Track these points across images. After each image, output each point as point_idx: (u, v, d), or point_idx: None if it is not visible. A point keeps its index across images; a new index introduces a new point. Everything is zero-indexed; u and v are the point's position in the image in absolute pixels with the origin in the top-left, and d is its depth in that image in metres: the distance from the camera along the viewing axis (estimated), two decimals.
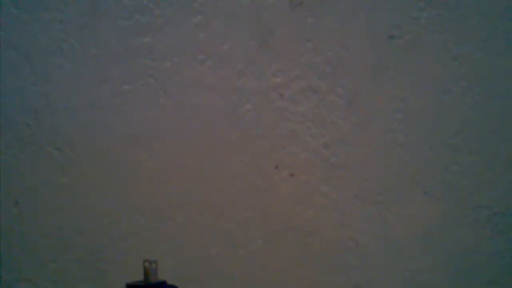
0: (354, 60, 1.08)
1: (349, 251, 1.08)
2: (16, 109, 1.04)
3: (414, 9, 1.08)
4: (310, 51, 1.07)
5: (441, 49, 1.08)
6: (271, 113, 1.07)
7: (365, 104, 1.08)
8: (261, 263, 1.07)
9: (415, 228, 1.09)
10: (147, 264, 0.78)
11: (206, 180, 1.07)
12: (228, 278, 1.07)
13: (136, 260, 0.83)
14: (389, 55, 1.08)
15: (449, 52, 1.08)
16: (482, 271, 1.09)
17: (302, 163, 1.07)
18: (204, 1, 1.06)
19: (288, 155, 1.07)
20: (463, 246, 1.09)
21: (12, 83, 1.04)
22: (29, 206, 1.04)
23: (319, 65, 1.07)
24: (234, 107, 1.06)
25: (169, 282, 0.79)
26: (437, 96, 1.09)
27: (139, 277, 0.79)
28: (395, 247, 1.09)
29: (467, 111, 1.09)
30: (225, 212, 1.07)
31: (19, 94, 1.04)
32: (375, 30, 1.08)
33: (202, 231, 1.06)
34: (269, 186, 1.07)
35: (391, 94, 1.08)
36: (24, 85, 1.04)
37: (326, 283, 1.08)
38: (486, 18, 1.09)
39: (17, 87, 1.04)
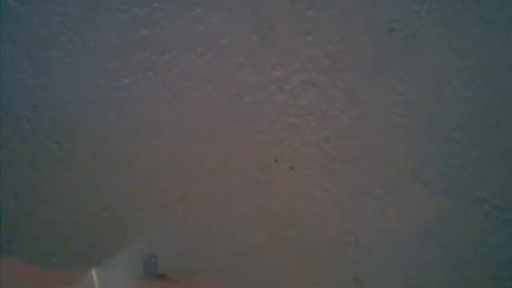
0: (354, 53, 1.07)
1: (349, 245, 1.08)
2: (15, 103, 1.04)
3: (414, 2, 1.08)
4: (310, 45, 1.07)
5: (441, 43, 1.08)
6: (271, 106, 1.07)
7: (365, 97, 1.08)
8: (260, 257, 1.07)
9: (415, 222, 1.09)
10: (146, 258, 0.78)
11: (206, 174, 1.06)
12: (228, 272, 1.07)
13: (136, 254, 0.83)
14: (389, 49, 1.08)
15: (449, 45, 1.08)
16: (481, 264, 1.09)
17: (302, 157, 1.07)
18: None
19: (288, 149, 1.07)
20: (462, 239, 1.09)
21: (11, 77, 1.04)
22: (28, 200, 1.04)
23: (319, 59, 1.07)
24: (233, 100, 1.06)
25: (168, 276, 0.79)
26: (437, 90, 1.08)
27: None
28: (394, 241, 1.09)
29: (467, 104, 1.09)
30: (225, 206, 1.07)
31: (18, 88, 1.04)
32: (375, 23, 1.07)
33: (202, 225, 1.06)
34: (269, 179, 1.07)
35: (391, 88, 1.08)
36: (23, 79, 1.04)
37: (326, 276, 1.08)
38: (486, 11, 1.09)
39: (17, 80, 1.04)
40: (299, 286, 1.08)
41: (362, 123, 1.08)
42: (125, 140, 1.05)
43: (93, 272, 0.79)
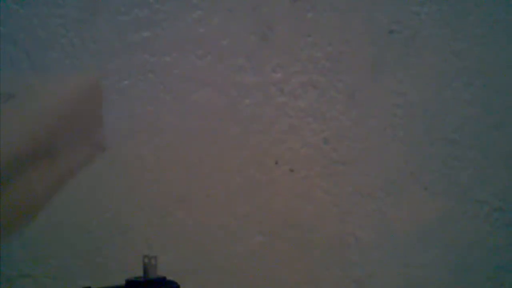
0: (354, 55, 1.07)
1: (349, 246, 1.08)
2: None
3: (414, 4, 1.08)
4: (310, 46, 1.07)
5: (441, 44, 1.08)
6: (271, 108, 1.07)
7: (365, 99, 1.08)
8: (260, 258, 1.07)
9: (415, 223, 1.09)
10: (146, 260, 0.78)
11: (206, 175, 1.06)
12: (228, 273, 1.07)
13: (135, 255, 0.83)
14: (389, 50, 1.08)
15: (449, 47, 1.08)
16: (481, 266, 1.09)
17: (302, 159, 1.07)
18: None
19: (288, 151, 1.07)
20: (462, 241, 1.09)
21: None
22: None
23: (319, 60, 1.07)
24: (233, 102, 1.06)
25: (169, 277, 0.79)
26: (437, 91, 1.08)
27: (138, 272, 0.79)
28: (394, 242, 1.09)
29: (467, 106, 1.09)
30: (225, 207, 1.07)
31: None
32: (375, 25, 1.07)
33: (202, 226, 1.06)
34: (269, 181, 1.07)
35: (391, 89, 1.08)
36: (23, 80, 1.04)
37: (326, 278, 1.08)
38: (486, 12, 1.09)
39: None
40: (299, 287, 1.08)
41: (362, 125, 1.08)
42: (126, 141, 1.05)
43: None
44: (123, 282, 0.78)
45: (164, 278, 0.79)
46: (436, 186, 1.09)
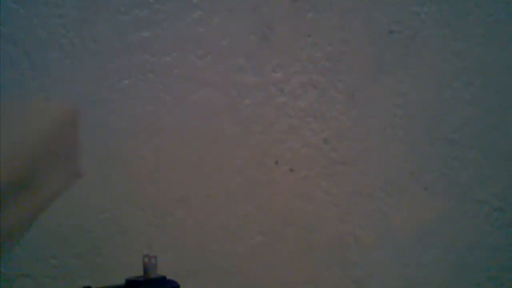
0: (354, 55, 1.08)
1: (349, 246, 1.08)
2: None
3: (415, 3, 1.08)
4: (310, 46, 1.07)
5: (441, 44, 1.08)
6: (270, 108, 1.07)
7: (365, 99, 1.08)
8: (260, 258, 1.07)
9: (415, 223, 1.09)
10: (146, 260, 0.78)
11: (206, 175, 1.06)
12: (228, 273, 1.07)
13: (135, 255, 0.83)
14: (389, 50, 1.08)
15: (449, 47, 1.08)
16: (481, 266, 1.09)
17: (302, 158, 1.07)
18: None
19: (288, 150, 1.07)
20: (462, 241, 1.09)
21: (11, 78, 1.04)
22: None
23: (319, 60, 1.07)
24: (233, 102, 1.06)
25: (169, 277, 0.79)
26: (437, 91, 1.09)
27: (138, 272, 0.79)
28: (395, 242, 1.09)
29: (467, 106, 1.09)
30: (225, 207, 1.07)
31: (18, 89, 1.04)
32: (375, 24, 1.07)
33: (202, 226, 1.06)
34: (268, 181, 1.07)
35: (391, 89, 1.08)
36: (23, 80, 1.04)
37: (326, 278, 1.08)
38: (486, 13, 1.09)
39: (16, 82, 1.04)
40: (299, 287, 1.08)
41: (362, 125, 1.08)
42: (125, 141, 1.05)
43: None
44: (123, 282, 0.78)
45: (164, 278, 0.79)
46: (436, 186, 1.09)
